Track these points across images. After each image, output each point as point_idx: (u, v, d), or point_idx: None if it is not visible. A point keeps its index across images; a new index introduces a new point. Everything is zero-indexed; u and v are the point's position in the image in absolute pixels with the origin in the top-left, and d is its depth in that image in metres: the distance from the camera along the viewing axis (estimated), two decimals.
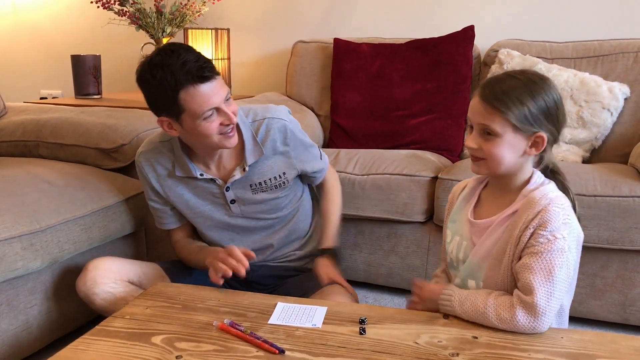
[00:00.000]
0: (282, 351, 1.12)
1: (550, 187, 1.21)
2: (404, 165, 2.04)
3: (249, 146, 1.54)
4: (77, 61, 2.88)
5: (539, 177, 1.23)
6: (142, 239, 2.00)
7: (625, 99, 2.22)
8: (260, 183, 1.58)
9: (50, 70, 3.58)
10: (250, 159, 1.55)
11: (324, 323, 1.23)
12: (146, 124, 2.00)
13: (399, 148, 2.36)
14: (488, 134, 1.17)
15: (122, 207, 1.81)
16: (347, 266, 2.14)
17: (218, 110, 1.41)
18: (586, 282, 1.85)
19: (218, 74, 1.41)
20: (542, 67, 2.29)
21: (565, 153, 2.18)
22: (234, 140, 1.48)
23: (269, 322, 1.23)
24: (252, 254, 1.44)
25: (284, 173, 1.60)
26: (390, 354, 1.11)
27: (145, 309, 1.31)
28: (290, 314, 1.27)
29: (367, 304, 1.76)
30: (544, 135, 1.16)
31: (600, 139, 2.21)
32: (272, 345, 1.13)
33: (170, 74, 1.35)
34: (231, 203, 1.60)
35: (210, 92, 1.38)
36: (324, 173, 1.73)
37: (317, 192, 1.80)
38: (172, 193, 1.60)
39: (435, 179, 1.99)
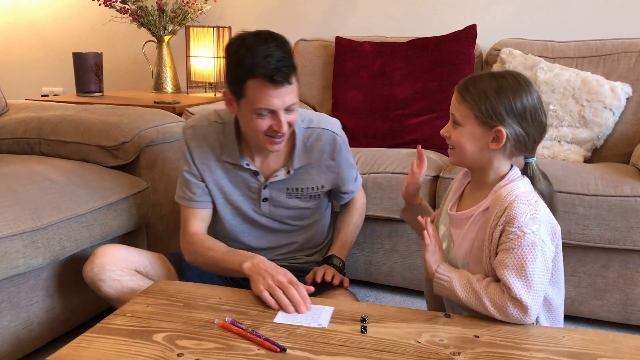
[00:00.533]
0: (283, 349, 1.12)
1: (519, 184, 1.22)
2: (405, 164, 2.04)
3: (299, 151, 1.55)
4: (79, 59, 2.88)
5: (514, 173, 1.25)
6: (144, 236, 2.00)
7: (627, 99, 2.21)
8: (297, 189, 1.59)
9: (51, 67, 3.58)
10: (297, 163, 1.55)
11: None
12: (147, 122, 2.00)
13: (400, 147, 2.35)
14: (455, 122, 1.23)
15: (124, 205, 1.81)
16: (348, 265, 2.13)
17: (273, 113, 1.40)
18: (587, 282, 1.85)
19: (291, 82, 1.38)
20: (544, 66, 2.29)
21: (566, 152, 2.18)
22: (278, 147, 1.47)
23: (274, 320, 1.23)
24: (312, 289, 1.35)
25: (322, 186, 1.61)
26: (392, 352, 1.11)
27: (147, 307, 1.31)
28: (295, 313, 1.26)
29: (368, 303, 1.76)
30: (504, 130, 1.19)
31: (602, 139, 2.21)
32: (273, 343, 1.13)
33: (250, 59, 1.35)
34: (263, 201, 1.60)
35: (274, 94, 1.37)
36: (352, 195, 1.74)
37: (339, 208, 1.80)
38: (211, 174, 1.58)
39: (436, 177, 1.99)
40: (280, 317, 1.24)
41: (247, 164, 1.56)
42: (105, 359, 1.10)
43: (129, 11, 2.93)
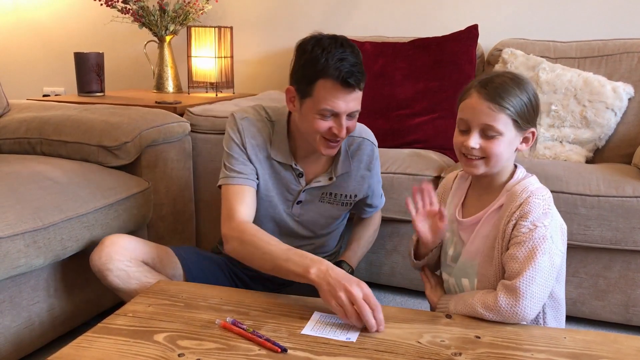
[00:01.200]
0: (284, 350, 1.12)
1: (531, 180, 1.24)
2: (406, 165, 2.03)
3: (342, 158, 1.57)
4: (80, 59, 2.88)
5: (521, 172, 1.26)
6: (145, 236, 2.00)
7: (629, 99, 2.21)
8: (332, 194, 1.61)
9: (52, 67, 3.58)
10: (340, 169, 1.57)
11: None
12: (149, 122, 2.00)
13: (401, 147, 2.35)
14: (489, 134, 1.18)
15: (125, 205, 1.81)
16: None
17: (336, 117, 1.42)
18: (589, 283, 1.85)
19: (360, 89, 1.41)
20: (545, 66, 2.29)
21: (568, 153, 2.18)
22: (332, 151, 1.49)
23: (302, 332, 1.19)
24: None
25: (356, 195, 1.63)
26: (393, 353, 1.11)
27: (148, 307, 1.31)
28: (324, 325, 1.22)
29: None
30: (535, 130, 1.20)
31: (604, 139, 2.21)
32: (274, 343, 1.13)
33: (325, 60, 1.36)
34: (297, 203, 1.61)
35: (341, 97, 1.39)
36: (375, 210, 1.78)
37: (356, 222, 1.83)
38: (260, 166, 1.58)
39: (438, 178, 1.99)
40: (309, 329, 1.21)
41: (295, 164, 1.57)
42: (107, 359, 1.10)
43: (131, 11, 2.93)
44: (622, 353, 1.12)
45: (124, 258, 1.51)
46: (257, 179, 1.57)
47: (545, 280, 1.17)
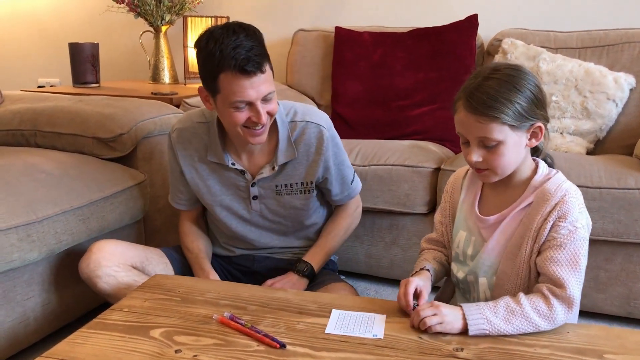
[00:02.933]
0: (283, 345, 1.10)
1: (561, 177, 1.19)
2: (406, 156, 2.01)
3: (283, 146, 1.51)
4: (75, 49, 2.85)
5: (544, 167, 1.21)
6: (141, 229, 1.98)
7: (631, 90, 2.19)
8: (286, 185, 1.55)
9: (47, 58, 3.54)
10: (281, 158, 1.51)
11: (324, 317, 1.21)
12: (144, 113, 1.97)
13: (401, 138, 2.33)
14: (488, 145, 1.13)
15: (121, 198, 1.78)
16: (348, 258, 2.12)
17: (251, 105, 1.37)
18: (590, 276, 1.83)
19: (264, 71, 1.34)
20: (546, 57, 2.26)
21: (569, 144, 2.15)
22: (260, 139, 1.43)
23: (326, 331, 1.15)
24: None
25: (311, 182, 1.56)
26: (394, 348, 1.09)
27: (144, 302, 1.29)
28: (347, 322, 1.19)
29: (369, 297, 1.74)
30: (541, 124, 1.15)
31: (605, 130, 2.19)
32: (272, 339, 1.11)
33: (219, 52, 1.31)
34: (253, 199, 1.57)
35: (248, 85, 1.33)
36: (346, 199, 1.66)
37: (333, 210, 1.74)
38: (197, 176, 1.57)
39: (437, 170, 1.97)
40: (332, 327, 1.17)
41: (233, 163, 1.53)
42: (102, 355, 1.08)
43: (126, 1, 2.89)
44: (625, 348, 1.10)
45: (112, 264, 1.49)
46: (199, 193, 1.60)
47: (583, 280, 1.15)
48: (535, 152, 1.24)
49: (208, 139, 1.54)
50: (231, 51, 1.30)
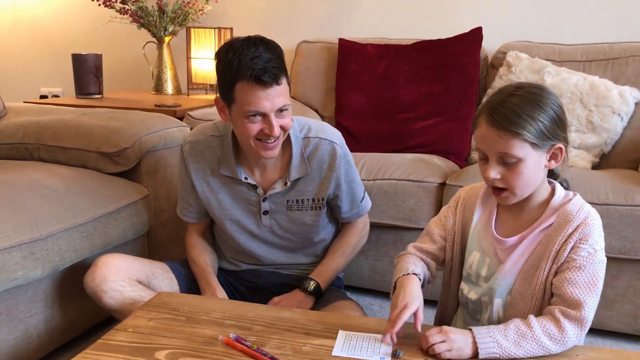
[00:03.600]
0: None
1: (581, 199, 1.19)
2: (410, 171, 2.00)
3: (296, 161, 1.50)
4: (78, 60, 2.85)
5: (561, 189, 1.20)
6: (145, 243, 1.97)
7: (636, 104, 2.18)
8: (297, 201, 1.55)
9: (50, 68, 3.54)
10: (294, 174, 1.51)
11: (331, 338, 1.20)
12: (149, 127, 1.96)
13: (405, 151, 2.32)
14: (508, 162, 1.12)
15: (125, 213, 1.77)
16: (353, 273, 2.11)
17: (264, 117, 1.37)
18: None
19: (280, 83, 1.35)
20: (550, 70, 2.26)
21: (574, 158, 2.15)
22: (272, 153, 1.43)
23: (333, 353, 1.14)
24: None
25: (322, 198, 1.55)
26: None
27: (149, 321, 1.27)
28: (354, 344, 1.17)
29: (375, 318, 1.72)
30: (562, 145, 1.14)
31: (610, 144, 2.18)
32: None
33: (237, 62, 1.32)
34: (263, 214, 1.56)
35: (263, 96, 1.33)
36: (355, 217, 1.65)
37: (341, 228, 1.73)
38: (209, 189, 1.57)
39: (443, 185, 1.96)
40: (339, 349, 1.16)
41: (245, 177, 1.52)
42: None
43: (129, 12, 2.89)
44: None
45: (118, 278, 1.48)
46: (209, 207, 1.59)
47: (597, 304, 1.14)
48: (552, 175, 1.22)
49: (221, 153, 1.53)
50: (249, 61, 1.31)
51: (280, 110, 1.37)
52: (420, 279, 1.24)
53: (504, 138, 1.10)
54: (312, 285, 1.56)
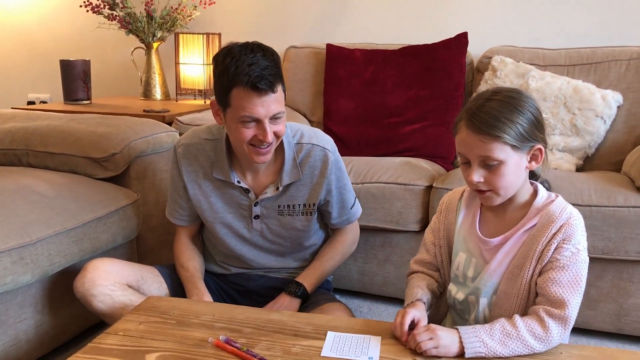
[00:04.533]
0: None
1: (563, 200, 1.21)
2: (398, 174, 2.03)
3: (288, 167, 1.52)
4: (66, 66, 2.85)
5: (544, 190, 1.23)
6: (134, 248, 1.97)
7: (618, 107, 2.22)
8: (288, 206, 1.56)
9: (38, 74, 3.53)
10: (286, 179, 1.52)
11: (320, 339, 1.21)
12: (137, 132, 1.97)
13: (393, 155, 2.34)
14: (490, 164, 1.14)
15: (114, 218, 1.78)
16: (341, 275, 2.12)
17: (258, 122, 1.39)
18: None
19: (276, 91, 1.36)
20: (535, 74, 2.29)
21: (558, 161, 2.18)
22: (264, 158, 1.45)
23: (322, 354, 1.16)
24: None
25: (314, 204, 1.57)
26: None
27: (139, 325, 1.28)
28: (343, 345, 1.19)
29: (363, 319, 1.73)
30: (541, 146, 1.17)
31: (594, 147, 2.22)
32: None
33: (235, 68, 1.34)
34: (254, 218, 1.57)
35: (258, 103, 1.35)
36: (345, 223, 1.67)
37: (331, 234, 1.75)
38: (200, 192, 1.58)
39: (430, 187, 1.98)
40: (327, 350, 1.17)
41: (238, 181, 1.53)
42: None
43: (117, 18, 2.90)
44: None
45: (108, 282, 1.49)
46: (200, 210, 1.60)
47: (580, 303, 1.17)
48: (533, 175, 1.25)
49: (214, 156, 1.55)
50: (246, 67, 1.33)
51: (275, 117, 1.39)
52: (424, 302, 1.28)
53: (484, 142, 1.12)
54: (298, 289, 1.57)
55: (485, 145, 1.12)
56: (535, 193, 1.22)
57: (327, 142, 1.57)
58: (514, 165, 1.14)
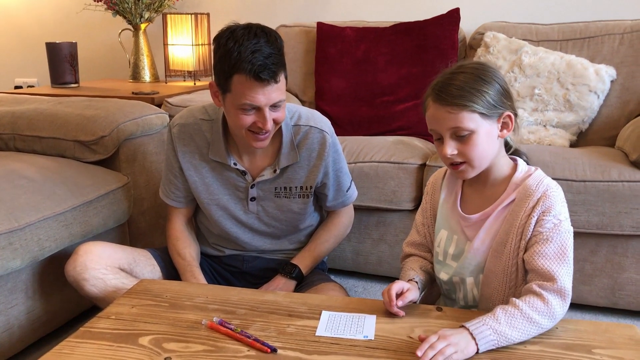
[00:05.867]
0: (274, 350, 1.09)
1: (541, 173, 1.21)
2: (391, 153, 2.01)
3: (285, 149, 1.50)
4: (53, 49, 2.80)
5: (523, 164, 1.23)
6: (126, 232, 1.95)
7: (612, 82, 2.20)
8: (285, 188, 1.54)
9: (24, 57, 3.47)
10: (283, 162, 1.51)
11: (315, 319, 1.20)
12: (126, 115, 1.94)
13: (386, 134, 2.33)
14: (461, 135, 1.13)
15: (104, 202, 1.76)
16: (336, 255, 2.11)
17: (258, 110, 1.36)
18: (576, 268, 1.83)
19: (278, 81, 1.34)
20: (528, 49, 2.27)
21: (552, 137, 2.17)
22: (262, 144, 1.43)
23: (317, 334, 1.15)
24: None
25: (311, 186, 1.55)
26: (384, 349, 1.09)
27: (131, 308, 1.27)
28: (338, 324, 1.18)
29: (359, 298, 1.74)
30: (511, 113, 1.17)
31: (587, 122, 2.20)
32: (263, 344, 1.10)
33: (237, 53, 1.30)
34: (251, 200, 1.56)
35: (259, 91, 1.33)
36: (340, 206, 1.65)
37: (326, 216, 1.73)
38: (196, 173, 1.56)
39: (423, 166, 1.97)
40: (322, 329, 1.17)
41: (235, 163, 1.51)
42: None
43: None
44: (614, 342, 1.11)
45: (100, 266, 1.47)
46: (196, 191, 1.57)
47: (572, 270, 1.16)
48: (507, 147, 1.25)
49: (210, 137, 1.52)
50: (249, 55, 1.30)
51: (275, 105, 1.37)
52: (418, 285, 1.27)
53: (453, 113, 1.12)
54: (293, 270, 1.56)
55: (454, 116, 1.12)
56: (515, 167, 1.22)
57: (325, 124, 1.56)
58: (485, 134, 1.14)
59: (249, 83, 1.32)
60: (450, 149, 1.15)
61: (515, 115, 1.18)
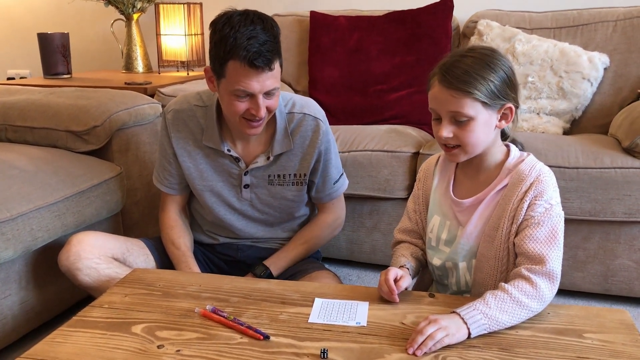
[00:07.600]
0: (266, 337, 1.09)
1: (533, 159, 1.21)
2: (384, 141, 2.01)
3: (279, 136, 1.50)
4: (45, 40, 2.78)
5: (516, 150, 1.23)
6: (119, 222, 1.95)
7: (605, 69, 2.21)
8: (279, 175, 1.54)
9: (16, 49, 3.45)
10: (277, 149, 1.50)
11: (307, 306, 1.21)
12: (118, 104, 1.93)
13: (380, 123, 2.32)
14: (460, 120, 1.14)
15: (97, 192, 1.75)
16: (330, 244, 2.11)
17: (252, 97, 1.36)
18: (568, 255, 1.85)
19: (273, 68, 1.33)
20: (521, 37, 2.27)
21: (545, 124, 2.17)
22: (255, 131, 1.42)
23: (310, 321, 1.15)
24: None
25: (304, 174, 1.55)
26: (377, 335, 1.10)
27: (124, 297, 1.27)
28: (330, 311, 1.19)
29: (351, 285, 1.74)
30: (512, 105, 1.17)
31: (581, 110, 2.21)
32: (256, 331, 1.10)
33: (233, 39, 1.30)
34: (244, 187, 1.55)
35: (254, 78, 1.32)
36: (327, 199, 1.62)
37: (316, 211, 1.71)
38: (190, 159, 1.55)
39: (416, 154, 1.97)
40: (315, 316, 1.17)
41: (228, 150, 1.51)
42: (83, 353, 1.07)
43: None
44: (605, 327, 1.12)
45: (93, 255, 1.47)
46: (189, 178, 1.57)
47: (562, 254, 1.16)
48: (503, 136, 1.25)
49: (204, 123, 1.52)
50: (245, 41, 1.29)
51: (269, 92, 1.37)
52: (409, 272, 1.27)
53: (456, 97, 1.12)
54: (263, 272, 1.55)
55: (457, 101, 1.12)
56: (508, 154, 1.22)
57: (319, 112, 1.55)
58: (483, 123, 1.14)
59: (243, 70, 1.31)
60: (447, 131, 1.15)
61: (517, 107, 1.18)
